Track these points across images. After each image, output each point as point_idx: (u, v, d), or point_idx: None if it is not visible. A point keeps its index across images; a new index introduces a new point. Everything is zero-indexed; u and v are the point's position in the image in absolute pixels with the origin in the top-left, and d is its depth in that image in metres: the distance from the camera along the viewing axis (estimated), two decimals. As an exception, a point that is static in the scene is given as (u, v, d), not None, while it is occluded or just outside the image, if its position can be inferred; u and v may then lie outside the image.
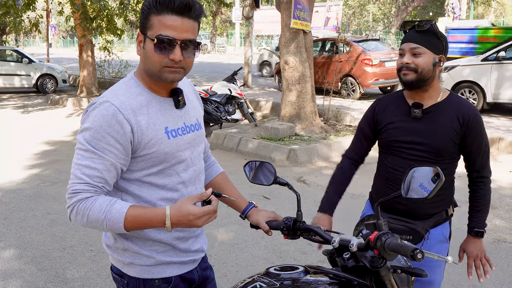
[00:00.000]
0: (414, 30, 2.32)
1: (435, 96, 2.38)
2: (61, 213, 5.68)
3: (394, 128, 2.44)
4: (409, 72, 2.31)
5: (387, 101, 2.54)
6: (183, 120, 1.84)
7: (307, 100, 8.99)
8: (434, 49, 2.32)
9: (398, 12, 36.81)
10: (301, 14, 8.72)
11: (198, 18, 1.72)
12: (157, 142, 1.72)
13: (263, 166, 2.26)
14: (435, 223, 2.44)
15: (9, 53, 18.22)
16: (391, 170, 2.45)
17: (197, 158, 1.92)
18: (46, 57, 23.43)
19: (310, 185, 6.75)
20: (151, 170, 1.75)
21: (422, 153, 2.35)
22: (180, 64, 1.69)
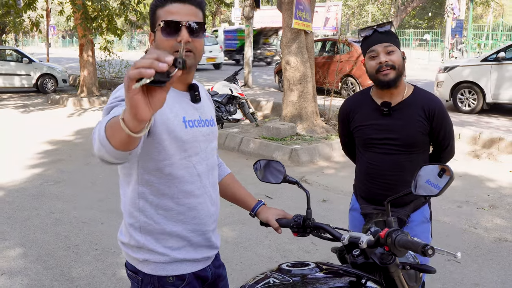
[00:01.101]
0: (377, 32, 2.48)
1: (402, 92, 2.52)
2: (65, 212, 5.70)
3: (367, 127, 2.59)
4: (389, 70, 2.42)
5: (356, 102, 2.69)
6: (199, 113, 1.87)
7: (309, 100, 9.02)
8: (398, 46, 2.50)
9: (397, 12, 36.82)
10: (302, 15, 8.75)
11: (201, 6, 1.79)
12: (175, 128, 1.73)
13: (272, 165, 2.29)
14: (415, 208, 2.59)
15: (9, 52, 18.21)
16: (369, 165, 2.61)
17: (211, 153, 1.93)
18: (45, 57, 23.43)
19: (312, 184, 6.77)
20: (171, 160, 1.75)
21: (396, 147, 2.51)
22: (189, 46, 1.72)
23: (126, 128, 1.21)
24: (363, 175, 2.67)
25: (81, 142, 9.68)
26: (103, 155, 1.39)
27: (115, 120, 1.28)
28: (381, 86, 2.49)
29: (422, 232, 2.59)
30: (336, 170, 7.46)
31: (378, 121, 2.55)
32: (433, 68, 21.85)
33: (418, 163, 2.51)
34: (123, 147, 1.32)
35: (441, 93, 12.13)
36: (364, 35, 2.56)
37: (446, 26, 29.15)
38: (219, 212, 2.02)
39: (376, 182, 2.58)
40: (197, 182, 1.85)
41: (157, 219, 1.82)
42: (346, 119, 2.73)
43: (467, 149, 8.58)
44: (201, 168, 1.86)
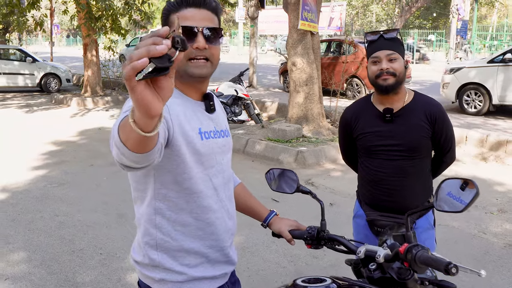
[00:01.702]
0: (383, 38, 2.50)
1: (403, 98, 2.55)
2: (69, 215, 5.65)
3: (370, 134, 2.60)
4: (389, 77, 2.45)
5: (357, 110, 2.70)
6: (214, 124, 1.79)
7: (315, 101, 8.95)
8: (402, 54, 2.53)
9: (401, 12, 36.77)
10: (308, 16, 8.68)
11: (216, 11, 1.74)
12: (192, 140, 1.66)
13: (285, 174, 2.24)
14: (420, 215, 2.61)
15: (12, 52, 18.19)
16: (373, 172, 2.61)
17: (227, 165, 1.86)
18: (49, 56, 23.40)
19: (318, 187, 6.71)
20: (190, 173, 1.68)
21: (400, 153, 2.52)
22: (206, 54, 1.66)
23: (138, 129, 1.13)
24: (367, 181, 2.67)
25: (85, 143, 9.62)
26: (122, 160, 1.31)
27: (125, 121, 1.20)
28: (379, 91, 2.52)
29: (427, 239, 2.60)
30: (343, 172, 7.38)
31: (381, 128, 2.56)
32: (438, 69, 21.77)
33: (422, 168, 2.60)
34: (140, 149, 1.24)
35: (447, 95, 12.06)
36: (369, 40, 2.58)
37: (451, 27, 29.06)
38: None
39: (380, 188, 2.59)
40: (214, 196, 1.77)
41: (174, 236, 1.73)
42: (348, 127, 2.73)
43: (474, 151, 8.51)
44: (217, 181, 1.78)
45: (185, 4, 1.67)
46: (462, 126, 9.51)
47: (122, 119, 1.27)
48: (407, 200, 2.55)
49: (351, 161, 2.92)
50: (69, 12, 16.71)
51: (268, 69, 24.85)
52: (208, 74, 1.72)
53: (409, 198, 2.55)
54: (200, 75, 1.68)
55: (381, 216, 2.58)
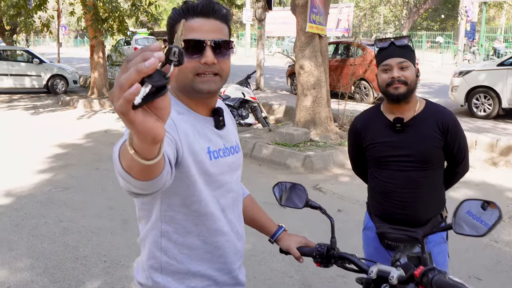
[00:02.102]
0: (394, 45, 2.42)
1: (414, 107, 2.47)
2: (74, 221, 5.58)
3: (380, 144, 2.52)
4: (400, 85, 2.37)
5: (367, 119, 2.63)
6: (223, 141, 1.68)
7: (322, 105, 8.86)
8: (413, 61, 2.44)
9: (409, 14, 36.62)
10: (316, 18, 8.59)
11: (226, 20, 1.60)
12: (201, 160, 1.55)
13: (294, 188, 2.16)
14: (431, 227, 2.49)
15: (20, 53, 18.21)
16: (383, 183, 2.53)
17: (236, 183, 1.75)
18: (56, 57, 23.42)
19: (326, 193, 6.62)
20: (200, 196, 1.57)
21: (411, 163, 2.44)
22: (215, 69, 1.53)
23: (140, 159, 1.03)
24: (377, 193, 2.58)
25: (91, 145, 9.57)
26: (130, 188, 1.20)
27: (125, 149, 1.07)
28: (390, 99, 2.44)
29: (439, 253, 2.51)
30: (351, 178, 7.28)
31: (391, 138, 2.48)
32: (446, 71, 21.64)
33: (434, 180, 2.50)
34: (146, 177, 1.14)
35: (455, 98, 11.94)
36: (380, 47, 2.49)
37: (460, 29, 28.88)
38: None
39: (391, 200, 2.50)
40: (223, 218, 1.67)
41: (180, 259, 1.63)
42: (357, 137, 2.64)
43: (484, 156, 8.38)
44: (225, 202, 1.68)
45: (192, 13, 1.54)
46: (471, 130, 9.38)
47: (121, 144, 1.16)
48: (419, 212, 2.46)
49: (361, 172, 2.83)
50: (76, 14, 16.70)
51: (275, 71, 24.78)
52: (218, 90, 1.60)
53: (421, 210, 2.46)
54: (209, 91, 1.56)
55: (392, 229, 2.49)
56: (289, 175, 7.46)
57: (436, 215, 2.52)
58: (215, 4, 1.56)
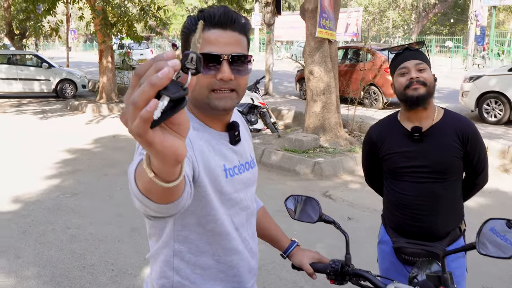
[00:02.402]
0: (408, 50, 2.37)
1: (432, 115, 2.39)
2: (81, 228, 5.53)
3: (397, 154, 2.43)
4: (419, 86, 2.28)
5: (383, 129, 2.53)
6: (238, 157, 1.61)
7: (332, 111, 8.77)
8: (429, 65, 2.37)
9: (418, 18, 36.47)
10: (326, 23, 8.52)
11: (245, 31, 1.50)
12: (217, 179, 1.48)
13: (307, 202, 2.09)
14: (450, 241, 2.41)
15: (29, 57, 18.25)
16: (400, 195, 2.44)
17: (250, 200, 1.67)
18: (65, 61, 23.49)
19: (336, 200, 6.53)
20: (215, 215, 1.50)
21: (429, 175, 2.35)
22: (231, 85, 1.44)
23: (160, 181, 0.93)
24: (393, 205, 2.49)
25: (99, 151, 9.53)
26: (147, 211, 1.12)
27: (142, 170, 0.97)
28: (409, 103, 2.33)
29: (457, 268, 2.42)
30: (361, 184, 7.19)
31: (409, 148, 2.39)
32: (456, 76, 21.48)
33: (453, 191, 2.40)
34: (166, 200, 1.05)
35: (466, 103, 11.83)
36: (395, 53, 2.43)
37: (469, 33, 28.71)
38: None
39: (408, 212, 2.40)
40: (237, 237, 1.60)
41: (193, 279, 1.57)
42: (373, 148, 2.55)
43: (496, 163, 8.26)
44: (238, 221, 1.61)
45: (208, 23, 1.43)
46: (482, 136, 9.23)
47: (137, 165, 1.07)
48: (437, 225, 2.36)
49: (374, 184, 2.74)
50: (85, 18, 16.73)
51: (284, 75, 24.70)
52: (234, 107, 1.52)
53: (439, 223, 2.37)
54: (225, 108, 1.48)
55: (409, 243, 2.40)
56: (298, 181, 7.38)
57: (455, 228, 2.42)
58: (233, 14, 1.46)
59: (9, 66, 17.29)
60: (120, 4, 14.43)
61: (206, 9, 1.48)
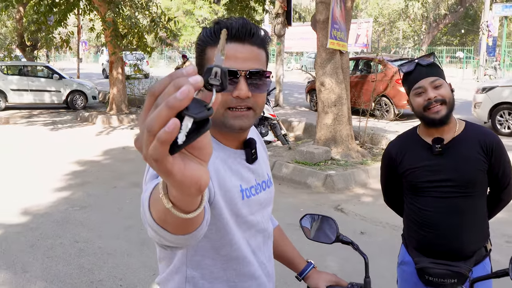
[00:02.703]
0: (420, 65, 2.26)
1: (453, 128, 2.29)
2: (90, 242, 5.45)
3: (418, 169, 2.32)
4: (439, 107, 2.20)
5: (402, 144, 2.43)
6: (255, 176, 1.52)
7: (344, 123, 8.67)
8: (444, 78, 2.27)
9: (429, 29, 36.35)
10: (338, 34, 8.45)
11: (264, 45, 1.41)
12: (233, 201, 1.39)
13: (323, 221, 2.00)
14: (476, 261, 2.29)
15: (40, 69, 18.34)
16: (422, 212, 2.32)
17: (267, 221, 1.59)
18: (76, 73, 23.58)
19: (348, 214, 6.41)
20: (232, 240, 1.41)
21: (453, 189, 2.24)
22: (248, 103, 1.36)
23: (179, 212, 0.84)
24: (414, 223, 2.37)
25: (108, 163, 9.49)
26: (162, 241, 1.02)
27: (157, 198, 0.87)
28: (431, 124, 2.24)
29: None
30: (373, 198, 7.08)
31: (430, 162, 2.28)
32: (467, 86, 21.31)
33: (478, 207, 2.28)
34: (184, 230, 0.95)
35: (478, 115, 11.69)
36: (405, 71, 2.31)
37: (481, 44, 28.55)
38: None
39: (430, 230, 2.28)
40: (254, 262, 1.51)
41: None
42: (392, 164, 2.44)
43: None
44: (255, 243, 1.52)
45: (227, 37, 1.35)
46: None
47: (151, 191, 0.98)
48: (461, 244, 2.25)
49: (393, 202, 2.63)
50: (95, 30, 16.78)
51: (294, 86, 24.65)
52: (250, 126, 1.43)
53: (464, 241, 2.25)
54: (241, 127, 1.39)
55: (433, 263, 2.27)
56: (309, 194, 7.28)
57: (480, 247, 2.31)
58: (252, 26, 1.38)
59: (20, 77, 17.39)
60: (130, 15, 14.46)
61: (223, 21, 1.39)
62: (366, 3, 49.11)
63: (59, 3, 15.22)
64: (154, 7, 15.82)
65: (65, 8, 15.24)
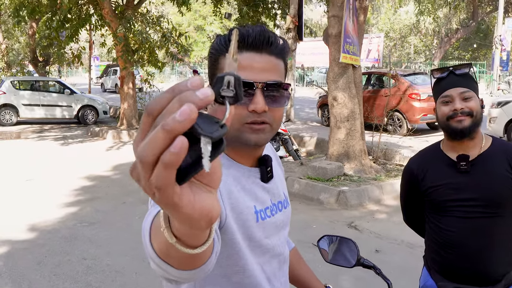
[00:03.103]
0: (454, 74, 2.14)
1: (479, 143, 2.16)
2: (97, 259, 5.33)
3: (441, 187, 2.18)
4: (465, 117, 2.08)
5: (425, 159, 2.28)
6: (270, 196, 1.39)
7: (356, 138, 8.52)
8: (477, 92, 2.15)
9: (440, 44, 36.20)
10: (350, 48, 8.34)
11: (283, 55, 1.29)
12: (246, 224, 1.27)
13: (343, 244, 1.86)
14: (506, 286, 2.13)
15: (52, 84, 18.41)
16: (446, 233, 2.18)
17: (283, 245, 1.45)
18: (87, 88, 23.68)
19: (362, 231, 6.25)
20: (244, 266, 1.28)
21: (479, 209, 2.09)
22: (265, 118, 1.24)
23: (184, 248, 0.73)
24: (438, 244, 2.22)
25: (118, 178, 9.39)
26: (165, 276, 0.89)
27: (158, 230, 0.76)
28: (453, 135, 2.11)
29: None
30: (388, 215, 6.91)
31: (455, 179, 2.14)
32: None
33: (507, 228, 2.11)
34: (189, 266, 0.83)
35: (494, 129, 11.49)
36: (437, 77, 2.19)
37: (494, 58, 28.35)
38: None
39: (455, 252, 2.14)
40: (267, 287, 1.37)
41: None
42: (414, 181, 2.29)
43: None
44: (270, 269, 1.38)
45: (241, 44, 1.23)
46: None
47: (153, 219, 0.86)
48: (489, 267, 2.10)
49: (413, 222, 2.48)
50: (107, 45, 16.81)
51: (305, 101, 24.55)
52: (267, 142, 1.31)
53: (492, 265, 2.11)
54: (257, 143, 1.27)
55: None
56: (322, 211, 7.12)
57: (509, 271, 2.15)
58: (271, 34, 1.26)
59: (32, 93, 17.46)
60: (141, 30, 14.48)
61: (239, 28, 1.26)
62: (377, 18, 49.12)
63: (71, 18, 15.32)
64: (165, 23, 15.84)
65: (77, 24, 15.33)
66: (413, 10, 39.58)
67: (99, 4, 14.08)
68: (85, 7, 15.93)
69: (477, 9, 30.39)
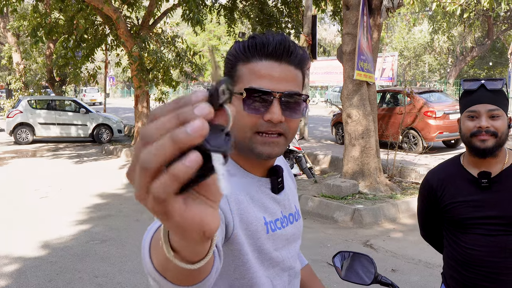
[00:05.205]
0: (485, 88, 2.01)
1: (502, 159, 2.07)
2: (109, 276, 5.28)
3: (462, 204, 2.10)
4: (488, 137, 1.99)
5: (445, 174, 2.18)
6: (281, 208, 1.34)
7: (371, 155, 8.43)
8: (506, 110, 2.04)
9: (455, 62, 36.02)
10: (364, 65, 8.30)
11: (302, 66, 1.25)
12: (255, 235, 1.22)
13: (359, 260, 1.79)
14: None
15: (67, 103, 18.57)
16: (466, 251, 2.09)
17: (293, 259, 1.40)
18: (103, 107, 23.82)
19: (378, 250, 6.13)
20: (252, 279, 1.22)
21: (502, 227, 2.01)
22: (280, 128, 1.20)
23: (182, 263, 0.70)
24: (458, 262, 2.13)
25: (131, 196, 9.36)
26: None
27: (157, 244, 0.75)
28: (474, 153, 2.03)
29: None
30: (404, 233, 6.79)
31: (476, 196, 2.06)
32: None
33: None
34: (189, 281, 0.79)
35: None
36: (467, 89, 2.07)
37: (510, 76, 28.13)
38: None
39: (476, 271, 2.05)
40: None
41: None
42: (432, 196, 2.21)
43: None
44: (280, 283, 1.33)
45: (260, 52, 1.20)
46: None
47: (154, 234, 0.83)
48: (510, 286, 2.01)
49: (431, 237, 2.39)
50: (122, 64, 16.93)
51: (319, 120, 24.50)
52: (280, 154, 1.26)
53: None
54: (270, 155, 1.23)
55: None
56: (337, 229, 7.02)
57: None
58: (291, 43, 1.22)
59: (48, 111, 17.63)
60: (156, 50, 14.57)
61: (259, 35, 1.23)
62: (391, 37, 49.07)
63: (88, 38, 15.49)
64: (179, 43, 15.96)
65: (92, 44, 15.49)
66: (427, 29, 39.48)
67: (114, 25, 14.22)
68: (101, 28, 16.13)
69: (492, 27, 30.21)
